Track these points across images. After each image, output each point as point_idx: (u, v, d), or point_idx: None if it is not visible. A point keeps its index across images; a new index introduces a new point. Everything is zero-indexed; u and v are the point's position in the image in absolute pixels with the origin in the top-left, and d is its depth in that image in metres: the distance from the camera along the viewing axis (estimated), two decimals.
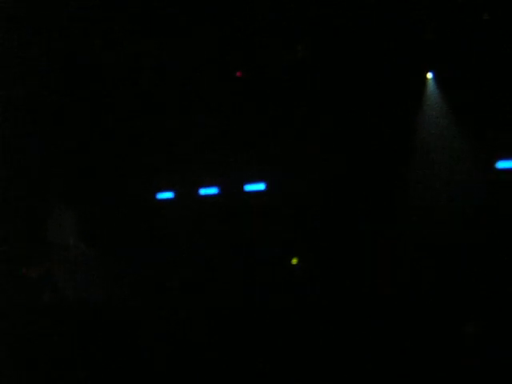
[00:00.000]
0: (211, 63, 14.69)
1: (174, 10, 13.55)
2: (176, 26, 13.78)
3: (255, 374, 11.34)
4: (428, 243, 13.95)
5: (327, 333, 12.06)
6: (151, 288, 14.52)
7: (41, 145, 14.05)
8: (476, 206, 13.83)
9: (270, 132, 15.00)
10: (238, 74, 15.44)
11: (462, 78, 13.74)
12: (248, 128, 15.07)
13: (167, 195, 16.07)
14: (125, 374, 10.98)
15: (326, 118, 14.44)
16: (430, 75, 14.55)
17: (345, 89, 14.25)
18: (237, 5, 13.35)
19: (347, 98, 14.27)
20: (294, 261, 15.04)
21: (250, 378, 11.38)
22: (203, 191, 16.04)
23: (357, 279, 13.53)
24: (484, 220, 13.64)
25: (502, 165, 14.17)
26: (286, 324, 12.92)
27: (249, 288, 14.19)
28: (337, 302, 13.09)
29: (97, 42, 13.53)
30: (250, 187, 15.83)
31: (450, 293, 12.73)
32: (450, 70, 13.90)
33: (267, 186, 15.60)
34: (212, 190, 16.02)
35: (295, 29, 13.76)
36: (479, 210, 13.78)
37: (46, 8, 12.54)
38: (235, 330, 12.67)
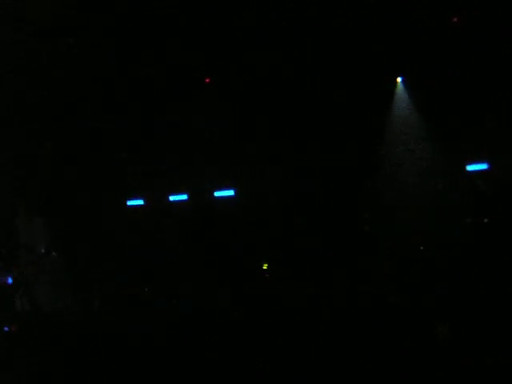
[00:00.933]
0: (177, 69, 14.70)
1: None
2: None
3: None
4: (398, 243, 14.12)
5: (295, 333, 11.98)
6: (124, 294, 14.39)
7: (12, 150, 13.90)
8: (445, 206, 14.03)
9: (240, 138, 15.05)
10: (207, 80, 15.50)
11: (431, 81, 14.00)
12: (218, 135, 15.13)
13: (137, 202, 16.06)
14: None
15: (302, 119, 14.57)
16: (399, 79, 14.85)
17: (318, 93, 14.38)
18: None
19: (320, 101, 14.41)
20: (265, 266, 15.06)
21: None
22: (172, 198, 16.08)
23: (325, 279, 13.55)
24: (453, 218, 13.81)
25: (470, 167, 14.45)
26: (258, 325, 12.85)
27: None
28: (307, 302, 13.07)
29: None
30: (219, 193, 15.95)
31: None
32: (420, 74, 14.15)
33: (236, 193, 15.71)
34: (182, 197, 16.07)
35: (267, 32, 13.82)
36: (448, 210, 13.97)
37: None
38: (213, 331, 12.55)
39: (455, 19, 13.40)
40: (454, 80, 13.82)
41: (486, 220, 13.00)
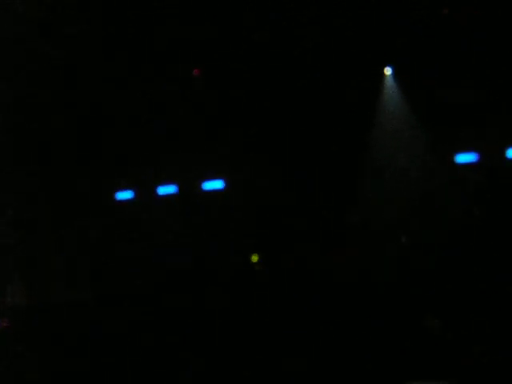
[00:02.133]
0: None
1: None
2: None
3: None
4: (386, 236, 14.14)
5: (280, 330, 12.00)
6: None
7: None
8: (434, 198, 14.04)
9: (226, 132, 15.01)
10: (196, 71, 15.37)
11: (420, 72, 13.96)
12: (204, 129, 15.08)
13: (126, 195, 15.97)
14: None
15: (290, 110, 14.53)
16: (388, 70, 14.79)
17: (307, 85, 14.31)
18: None
19: (309, 91, 14.35)
20: (255, 258, 14.98)
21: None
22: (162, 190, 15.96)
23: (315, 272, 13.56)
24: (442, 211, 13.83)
25: (460, 158, 14.42)
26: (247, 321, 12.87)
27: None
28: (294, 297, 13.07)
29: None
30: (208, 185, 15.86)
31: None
32: (409, 65, 14.10)
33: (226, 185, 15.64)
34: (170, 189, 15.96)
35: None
36: (436, 202, 13.98)
37: None
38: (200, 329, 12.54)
39: (445, 10, 13.33)
40: (445, 69, 13.82)
41: (476, 212, 12.96)
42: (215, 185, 15.78)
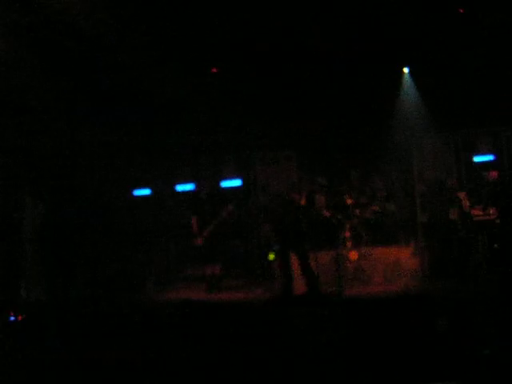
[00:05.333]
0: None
1: None
2: None
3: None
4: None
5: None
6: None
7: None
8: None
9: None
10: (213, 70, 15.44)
11: (437, 72, 13.98)
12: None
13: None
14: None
15: (310, 110, 14.63)
16: (406, 70, 14.84)
17: (323, 83, 14.37)
18: None
19: (326, 92, 14.42)
20: (271, 256, 14.96)
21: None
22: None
23: None
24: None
25: (477, 158, 14.43)
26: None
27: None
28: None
29: None
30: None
31: None
32: (426, 65, 14.12)
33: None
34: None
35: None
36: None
37: None
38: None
39: (461, 9, 13.30)
40: (461, 70, 13.82)
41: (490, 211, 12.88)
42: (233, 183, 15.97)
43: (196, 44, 13.83)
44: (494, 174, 12.94)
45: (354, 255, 13.33)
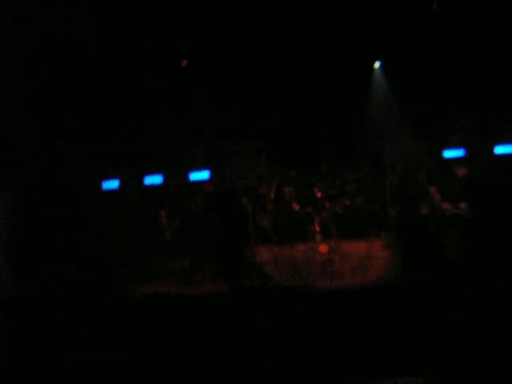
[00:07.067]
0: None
1: None
2: None
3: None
4: None
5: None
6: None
7: None
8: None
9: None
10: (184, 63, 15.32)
11: (408, 66, 13.99)
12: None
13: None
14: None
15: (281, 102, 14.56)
16: (377, 64, 14.83)
17: (294, 78, 14.32)
18: None
19: (297, 86, 14.36)
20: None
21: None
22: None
23: None
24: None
25: (447, 154, 14.47)
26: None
27: None
28: None
29: None
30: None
31: None
32: (397, 59, 14.13)
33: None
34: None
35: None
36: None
37: None
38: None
39: (434, 3, 13.34)
40: (433, 64, 13.85)
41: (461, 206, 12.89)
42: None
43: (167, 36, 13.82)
44: (463, 169, 12.98)
45: (323, 248, 13.30)
